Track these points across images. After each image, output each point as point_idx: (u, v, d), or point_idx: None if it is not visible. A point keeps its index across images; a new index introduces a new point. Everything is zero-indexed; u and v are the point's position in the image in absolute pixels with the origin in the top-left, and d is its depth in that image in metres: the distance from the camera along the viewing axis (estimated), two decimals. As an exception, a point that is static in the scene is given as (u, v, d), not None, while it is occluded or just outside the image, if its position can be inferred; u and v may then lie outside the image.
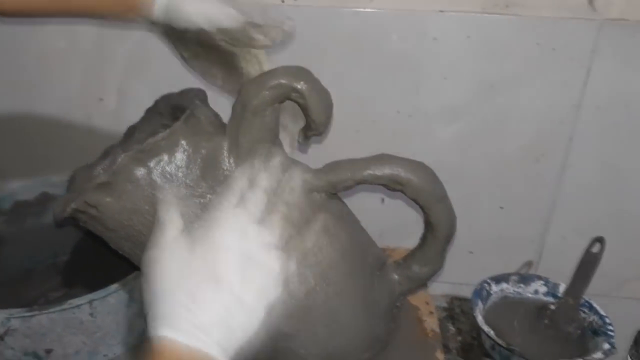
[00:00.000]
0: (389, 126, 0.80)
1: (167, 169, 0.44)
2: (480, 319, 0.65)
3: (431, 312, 0.63)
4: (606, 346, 0.64)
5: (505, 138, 0.79)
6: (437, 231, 0.48)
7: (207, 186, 0.45)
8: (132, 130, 0.56)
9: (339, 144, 0.80)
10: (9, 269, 0.72)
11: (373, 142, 0.80)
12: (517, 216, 0.84)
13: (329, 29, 0.75)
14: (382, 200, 0.86)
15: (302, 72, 0.46)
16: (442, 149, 0.81)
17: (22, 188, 0.74)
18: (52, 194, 0.75)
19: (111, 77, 0.81)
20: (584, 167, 0.80)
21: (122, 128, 0.66)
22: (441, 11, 0.73)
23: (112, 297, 0.60)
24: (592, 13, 0.71)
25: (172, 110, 0.52)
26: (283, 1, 0.75)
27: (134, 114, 0.64)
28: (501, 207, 0.84)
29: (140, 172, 0.43)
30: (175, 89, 0.59)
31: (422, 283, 0.51)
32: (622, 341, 0.66)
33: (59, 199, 0.49)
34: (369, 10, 0.74)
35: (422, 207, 0.48)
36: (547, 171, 0.81)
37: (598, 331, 0.67)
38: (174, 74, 0.68)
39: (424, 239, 0.50)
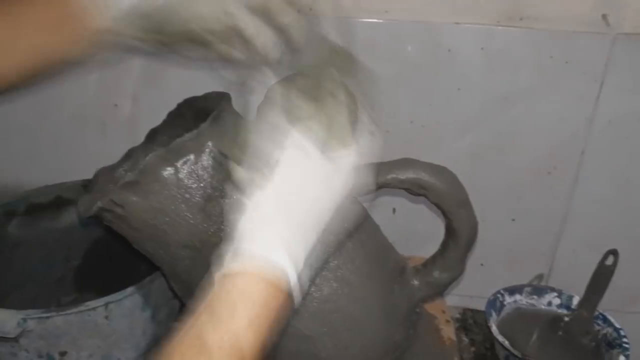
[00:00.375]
0: (402, 136, 0.81)
1: (194, 169, 0.44)
2: (494, 329, 0.65)
3: (447, 321, 0.62)
4: (622, 359, 0.64)
5: (518, 150, 0.80)
6: (459, 237, 0.49)
7: (233, 187, 0.45)
8: (153, 133, 0.57)
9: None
10: (22, 271, 0.72)
11: (386, 152, 0.81)
12: (529, 229, 0.84)
13: (344, 39, 0.76)
14: (394, 210, 0.86)
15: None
16: (454, 160, 0.80)
17: (37, 191, 0.74)
18: (66, 197, 0.75)
19: (126, 83, 0.82)
20: (596, 181, 0.80)
21: (136, 134, 0.66)
22: (456, 23, 0.74)
23: (128, 301, 0.60)
24: (606, 27, 0.72)
25: (195, 114, 0.53)
26: (298, 11, 0.76)
27: (149, 121, 0.64)
28: (513, 220, 0.84)
29: (167, 171, 0.43)
30: (190, 95, 0.59)
31: (442, 289, 0.51)
32: (635, 358, 0.66)
33: (84, 197, 0.49)
34: (384, 20, 0.75)
35: (444, 212, 0.48)
36: (559, 184, 0.81)
37: (613, 343, 0.66)
38: (188, 81, 0.69)
39: (445, 244, 0.51)
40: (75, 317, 0.57)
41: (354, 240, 0.47)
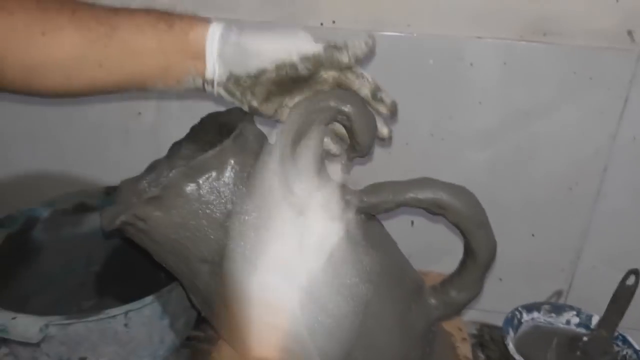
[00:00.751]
0: (422, 148, 0.81)
1: (216, 185, 0.45)
2: (511, 347, 0.65)
3: (464, 339, 0.62)
4: (641, 381, 0.63)
5: (539, 165, 0.79)
6: (477, 257, 0.48)
7: (253, 204, 0.46)
8: (177, 147, 0.57)
9: (372, 165, 0.80)
10: (44, 276, 0.74)
11: (405, 164, 0.81)
12: (549, 244, 0.83)
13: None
14: (412, 223, 0.86)
15: (349, 96, 0.47)
16: (474, 174, 0.81)
17: (60, 197, 0.76)
18: (89, 204, 0.77)
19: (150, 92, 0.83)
20: (618, 197, 0.79)
21: (159, 143, 0.67)
22: (478, 37, 0.74)
23: (147, 309, 0.61)
24: (631, 43, 0.71)
25: (218, 128, 0.54)
26: (322, 24, 0.76)
27: (171, 130, 0.65)
28: (532, 235, 0.83)
29: (190, 187, 0.44)
30: (211, 104, 0.60)
31: (459, 309, 0.51)
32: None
33: (107, 210, 0.50)
34: (406, 34, 0.75)
35: (462, 232, 0.48)
36: (580, 200, 0.80)
37: (632, 365, 0.66)
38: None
39: (463, 264, 0.50)
40: (96, 324, 0.58)
41: (372, 257, 0.47)
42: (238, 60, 0.46)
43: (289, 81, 0.47)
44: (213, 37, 0.46)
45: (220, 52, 0.46)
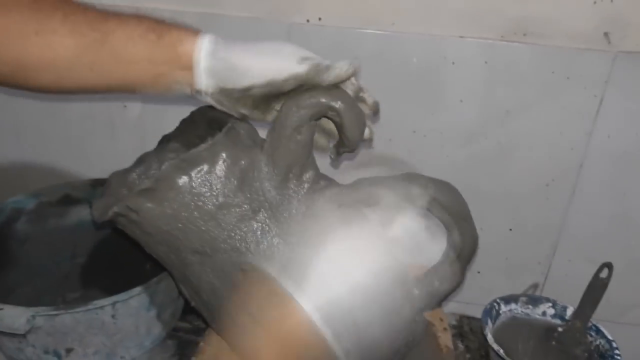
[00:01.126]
0: (405, 145, 0.83)
1: (208, 178, 0.46)
2: (490, 337, 0.67)
3: (445, 329, 0.64)
4: (613, 369, 0.65)
5: (517, 162, 0.81)
6: (460, 249, 0.50)
7: (244, 197, 0.47)
8: (166, 140, 0.58)
9: (356, 160, 0.82)
10: (29, 267, 0.74)
11: (389, 159, 0.83)
12: (526, 239, 0.86)
13: (351, 49, 0.78)
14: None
15: (338, 92, 0.48)
16: (454, 170, 0.83)
17: (45, 189, 0.75)
18: (74, 196, 0.77)
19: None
20: (593, 193, 0.82)
21: (144, 136, 0.67)
22: (461, 37, 0.75)
23: (134, 300, 0.62)
24: (607, 45, 0.74)
25: (208, 123, 0.54)
26: (308, 20, 0.77)
27: (157, 123, 0.65)
28: (510, 229, 0.86)
29: (182, 180, 0.45)
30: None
31: (442, 299, 0.53)
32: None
33: (98, 201, 0.51)
34: (390, 32, 0.76)
35: (446, 226, 0.50)
36: (556, 196, 0.83)
37: (605, 355, 0.68)
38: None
39: (446, 255, 0.52)
40: (83, 315, 0.59)
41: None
42: (227, 75, 0.47)
43: (276, 93, 0.48)
44: (201, 51, 0.47)
45: (209, 67, 0.47)
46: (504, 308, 0.74)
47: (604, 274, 0.70)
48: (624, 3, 0.71)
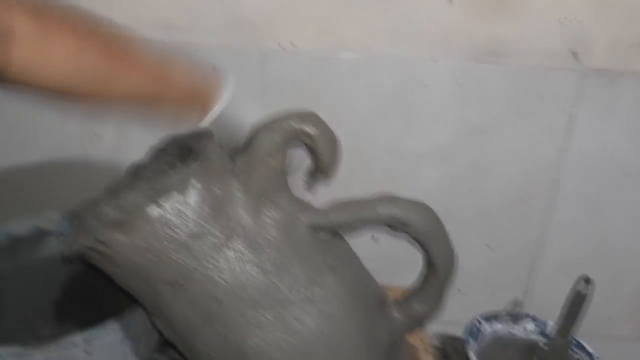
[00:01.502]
0: (381, 166, 0.83)
1: (180, 207, 0.44)
2: (472, 357, 0.66)
3: (427, 350, 0.63)
4: (595, 385, 0.65)
5: (493, 180, 0.82)
6: (438, 270, 0.50)
7: (218, 225, 0.46)
8: (136, 168, 0.57)
9: (333, 182, 0.81)
10: (0, 304, 0.71)
11: (365, 181, 0.83)
12: (505, 255, 0.86)
13: (326, 74, 0.78)
14: (372, 237, 0.87)
15: (311, 116, 0.48)
16: (431, 190, 0.83)
17: (16, 223, 0.73)
18: (46, 229, 0.75)
19: (108, 114, 0.82)
20: (569, 208, 0.83)
21: (119, 164, 0.66)
22: (434, 60, 0.76)
23: (108, 334, 0.60)
24: (576, 63, 0.75)
25: (179, 150, 0.53)
26: (284, 49, 0.78)
27: (132, 151, 0.64)
28: (488, 246, 0.86)
29: (153, 210, 0.44)
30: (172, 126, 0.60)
31: (422, 321, 0.52)
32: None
33: (67, 234, 0.49)
34: (364, 56, 0.77)
35: (423, 247, 0.49)
36: (533, 212, 0.83)
37: (587, 370, 0.68)
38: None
39: (424, 278, 0.52)
40: (55, 353, 0.57)
41: (336, 274, 0.48)
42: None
43: None
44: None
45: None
46: (485, 326, 0.74)
47: (581, 286, 0.70)
48: (591, 22, 0.73)
